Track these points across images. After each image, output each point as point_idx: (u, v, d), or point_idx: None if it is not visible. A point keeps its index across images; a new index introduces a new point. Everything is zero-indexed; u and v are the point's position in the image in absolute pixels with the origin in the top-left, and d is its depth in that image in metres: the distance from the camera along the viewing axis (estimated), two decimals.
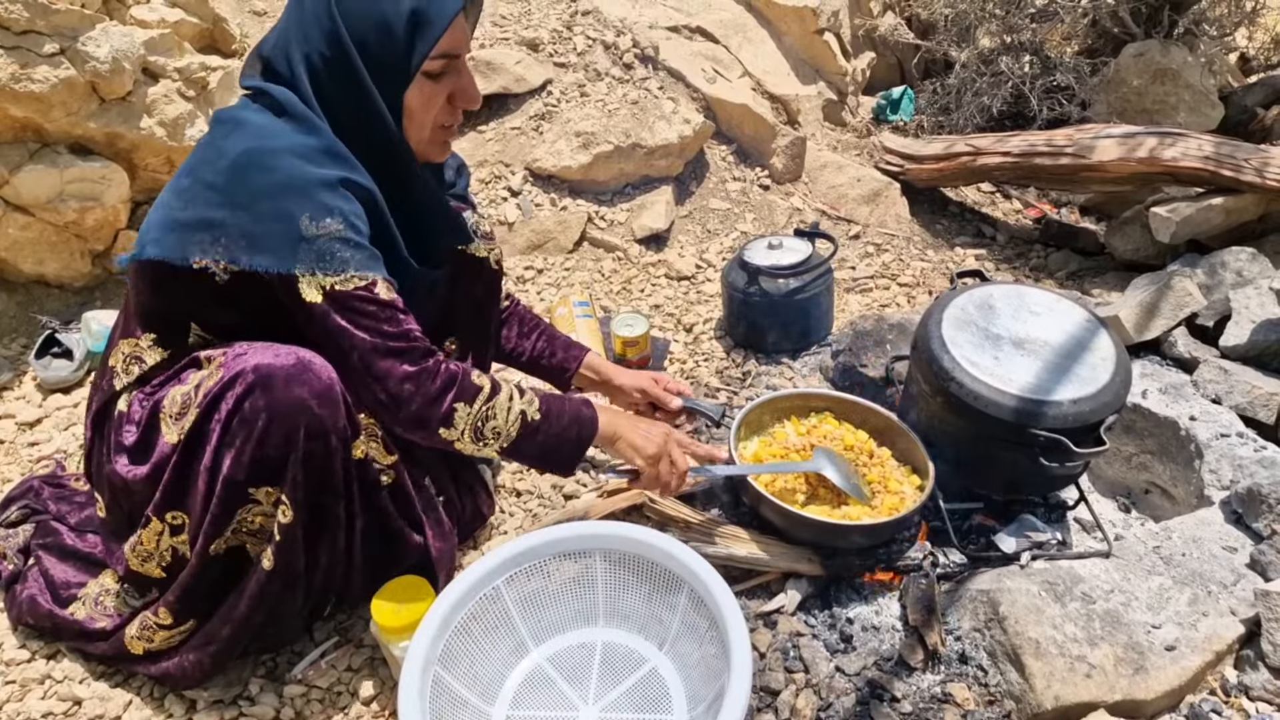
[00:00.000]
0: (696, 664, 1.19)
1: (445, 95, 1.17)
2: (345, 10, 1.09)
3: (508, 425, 1.20)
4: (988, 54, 3.51)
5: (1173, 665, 1.27)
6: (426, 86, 1.14)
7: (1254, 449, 1.67)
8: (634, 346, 2.00)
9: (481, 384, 1.19)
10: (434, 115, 1.17)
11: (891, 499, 1.51)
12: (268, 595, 1.20)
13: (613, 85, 2.83)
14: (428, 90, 1.15)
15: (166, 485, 1.15)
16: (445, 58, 1.13)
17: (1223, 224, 2.49)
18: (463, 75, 1.19)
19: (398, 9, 1.08)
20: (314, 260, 1.07)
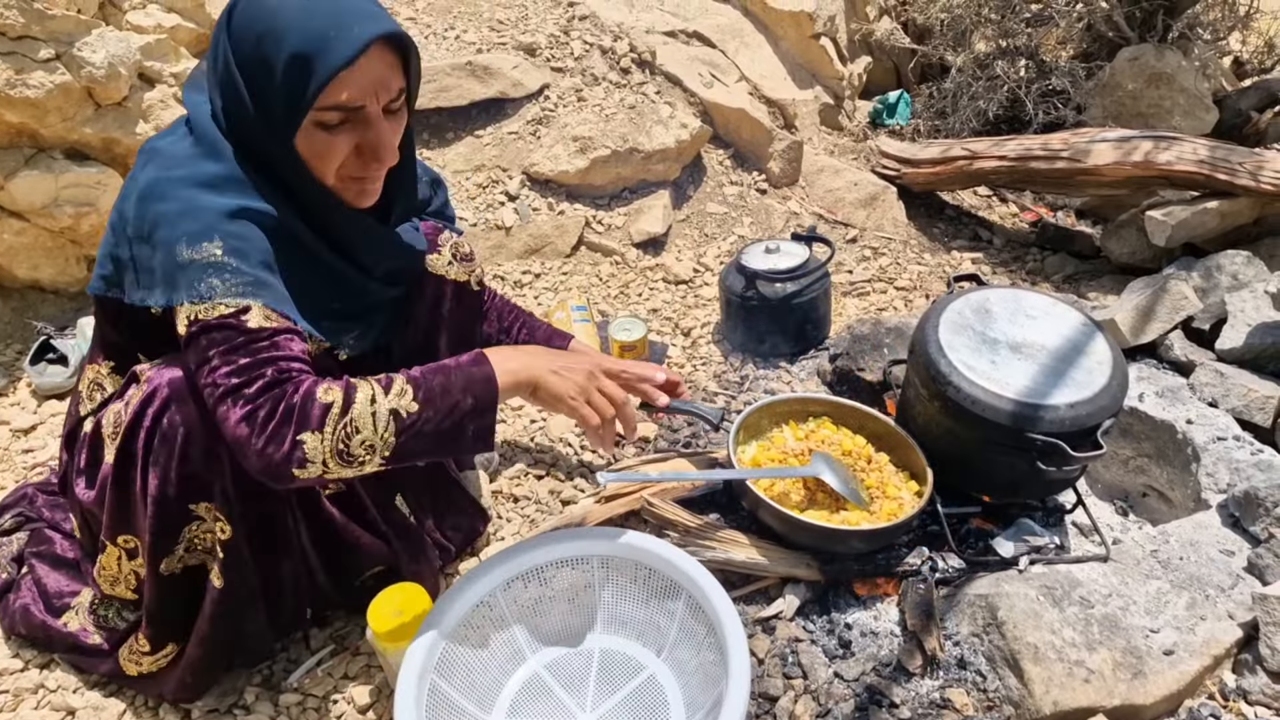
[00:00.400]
0: (695, 671, 1.19)
1: (349, 147, 1.05)
2: (234, 40, 1.01)
3: (379, 433, 1.00)
4: (983, 58, 3.52)
5: (1171, 670, 1.27)
6: (319, 137, 1.02)
7: (1250, 452, 1.67)
8: (632, 351, 2.00)
9: (330, 399, 0.99)
10: (334, 166, 1.06)
11: (890, 504, 1.51)
12: (224, 613, 1.17)
13: (610, 90, 2.83)
14: (321, 141, 1.03)
15: (110, 507, 1.13)
16: (341, 110, 1.01)
17: (1218, 227, 2.49)
18: (372, 128, 1.04)
19: (278, 50, 0.97)
20: (186, 289, 0.98)
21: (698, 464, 1.65)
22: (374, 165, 1.08)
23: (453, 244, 1.40)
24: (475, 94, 2.69)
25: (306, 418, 0.98)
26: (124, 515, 1.14)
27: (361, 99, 1.01)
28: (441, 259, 1.38)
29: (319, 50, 0.96)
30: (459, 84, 2.68)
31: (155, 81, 2.18)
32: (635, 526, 1.48)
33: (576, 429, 1.90)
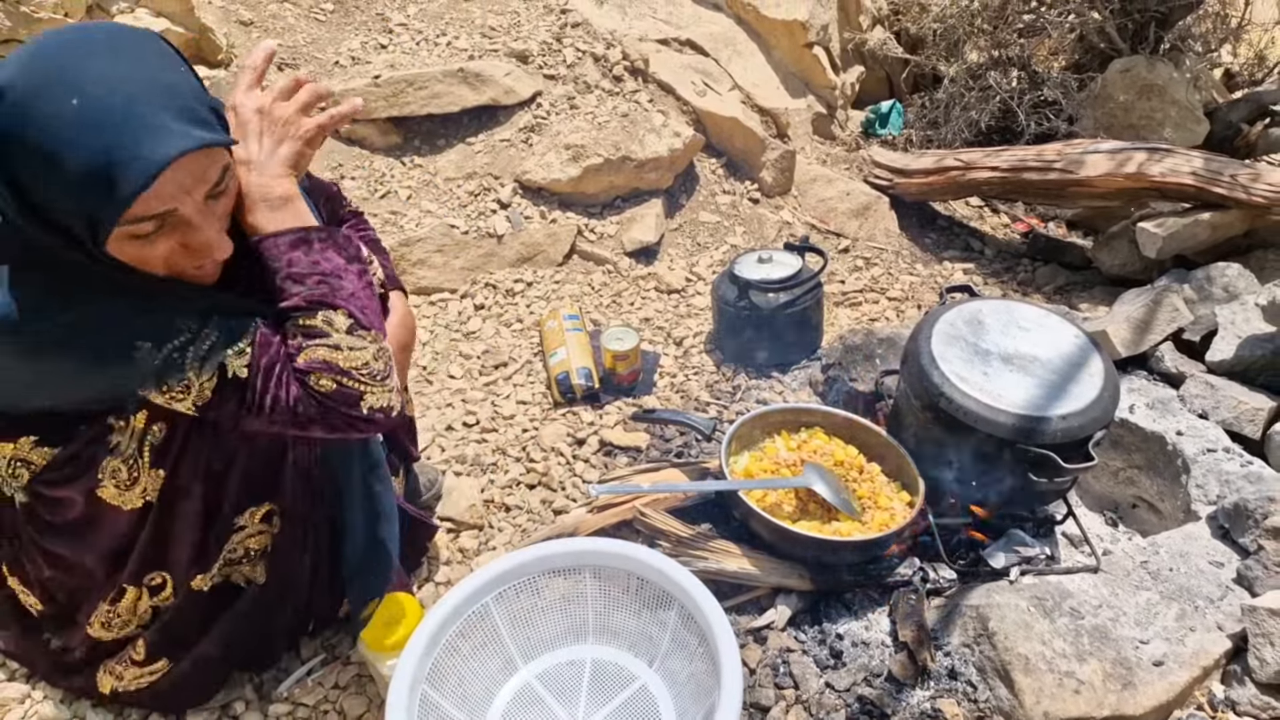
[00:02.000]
0: (686, 681, 1.19)
1: (171, 246, 0.94)
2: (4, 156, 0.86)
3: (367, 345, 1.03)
4: (976, 69, 3.54)
5: (1161, 681, 1.27)
6: (131, 246, 0.91)
7: (1240, 464, 1.68)
8: (624, 360, 2.00)
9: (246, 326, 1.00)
10: (158, 266, 0.96)
11: (881, 515, 1.51)
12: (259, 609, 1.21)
13: (602, 98, 2.84)
14: (134, 249, 0.92)
15: (143, 545, 1.12)
16: (151, 219, 0.90)
17: (1209, 239, 2.51)
18: (193, 230, 0.94)
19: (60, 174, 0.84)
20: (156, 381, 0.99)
21: (690, 474, 1.65)
22: (208, 260, 0.98)
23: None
24: (467, 101, 2.69)
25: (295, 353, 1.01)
26: (159, 551, 1.13)
27: (172, 204, 0.90)
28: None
29: (107, 171, 0.84)
30: (450, 91, 2.68)
31: None
32: (627, 536, 1.48)
33: (567, 439, 1.90)
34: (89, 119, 0.84)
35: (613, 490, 1.52)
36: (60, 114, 0.84)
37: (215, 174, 0.94)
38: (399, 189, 2.60)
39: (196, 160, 0.90)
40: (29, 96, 0.84)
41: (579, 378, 1.99)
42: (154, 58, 0.92)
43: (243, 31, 2.81)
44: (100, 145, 0.84)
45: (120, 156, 0.84)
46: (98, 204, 0.86)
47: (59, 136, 0.84)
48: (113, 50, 0.88)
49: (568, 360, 2.02)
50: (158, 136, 0.86)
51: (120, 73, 0.87)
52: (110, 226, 0.87)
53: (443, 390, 2.07)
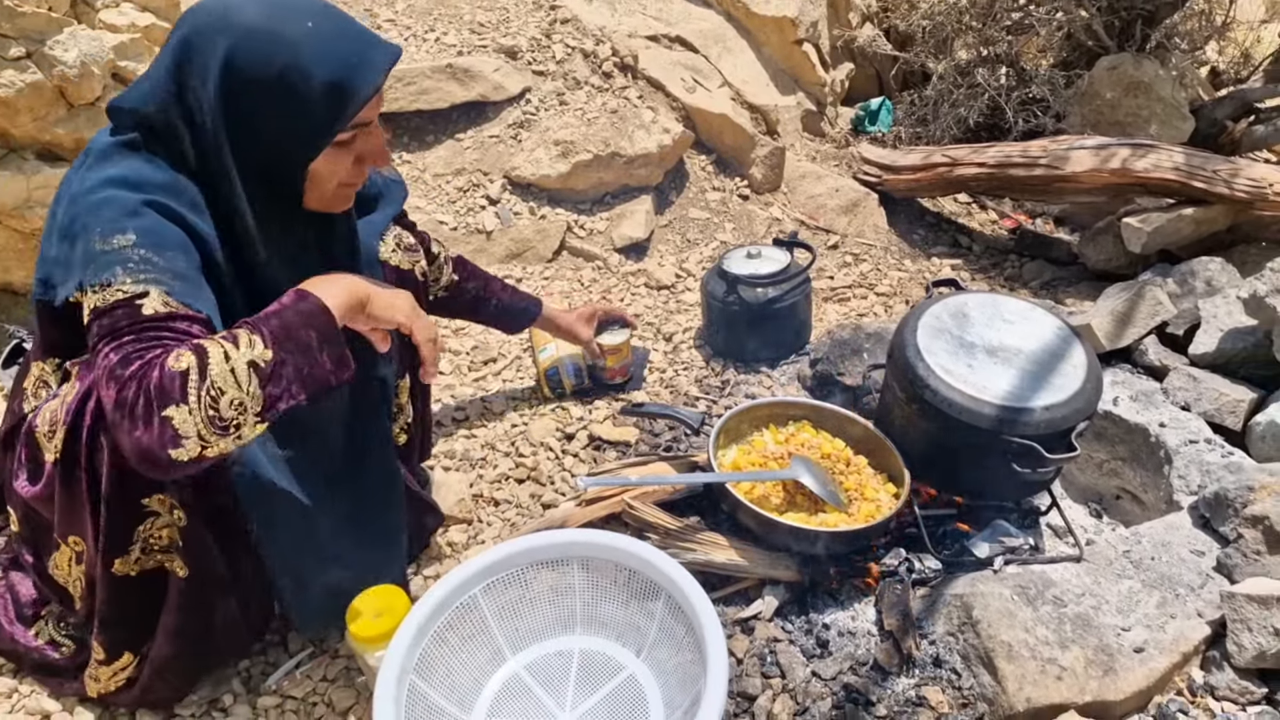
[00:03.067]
0: (673, 670, 1.20)
1: (353, 157, 1.11)
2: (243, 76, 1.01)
3: (245, 389, 0.95)
4: (964, 66, 3.56)
5: (1141, 667, 1.29)
6: (333, 153, 1.08)
7: (1221, 455, 1.70)
8: (615, 354, 2.01)
9: (184, 365, 0.93)
10: (339, 177, 1.12)
11: (868, 506, 1.52)
12: (192, 604, 1.16)
13: (592, 94, 2.84)
14: (333, 156, 1.09)
15: (60, 507, 1.12)
16: (358, 126, 1.08)
17: (1193, 234, 2.53)
18: (373, 137, 1.12)
19: (307, 81, 1.01)
20: (91, 275, 0.97)
21: (678, 467, 1.66)
22: (367, 171, 1.15)
23: (396, 234, 1.42)
24: (456, 97, 2.70)
25: (166, 392, 0.91)
26: (71, 517, 1.12)
27: (373, 114, 1.09)
28: (386, 246, 1.39)
29: (349, 77, 1.02)
30: (439, 86, 2.68)
31: (129, 81, 2.17)
32: (616, 530, 1.49)
33: (556, 434, 1.90)
34: (327, 36, 1.02)
35: (601, 483, 1.53)
36: (304, 34, 1.01)
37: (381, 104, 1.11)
38: None
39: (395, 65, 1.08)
40: (268, 23, 1.00)
41: (568, 373, 2.00)
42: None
43: None
44: (342, 55, 1.02)
45: (356, 63, 1.02)
46: (341, 107, 1.02)
47: (306, 52, 1.00)
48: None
49: (557, 355, 2.03)
50: (375, 46, 1.05)
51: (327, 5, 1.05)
52: (340, 128, 1.04)
53: (433, 386, 2.07)
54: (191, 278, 1.02)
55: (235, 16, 1.00)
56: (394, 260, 1.39)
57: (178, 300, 0.99)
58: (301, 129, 1.04)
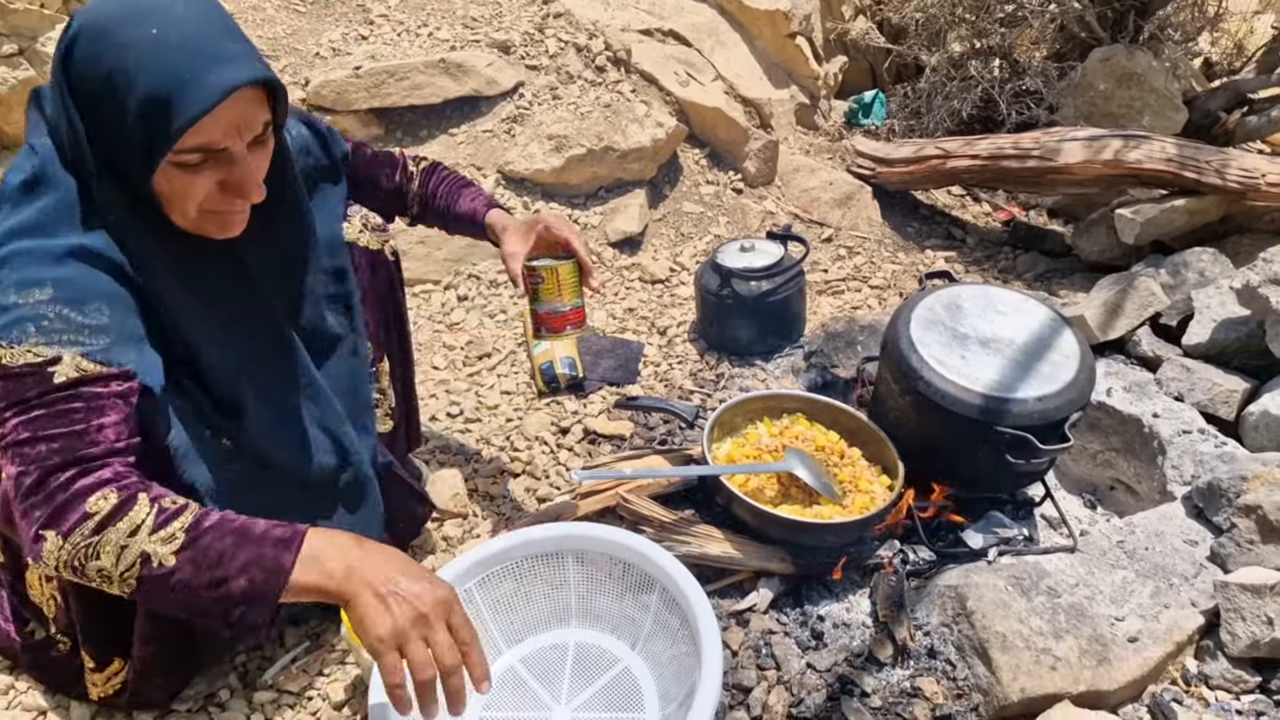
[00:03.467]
0: (668, 663, 1.20)
1: (212, 183, 0.99)
2: (75, 77, 0.94)
3: (119, 569, 0.89)
4: (958, 58, 3.55)
5: (1135, 656, 1.29)
6: (178, 176, 0.96)
7: (1215, 445, 1.71)
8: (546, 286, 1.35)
9: (95, 509, 0.90)
10: (196, 202, 1.00)
11: (862, 498, 1.52)
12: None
13: (585, 88, 2.84)
14: (180, 179, 0.97)
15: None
16: (201, 151, 0.96)
17: (1185, 225, 2.54)
18: (235, 166, 0.98)
19: (130, 91, 0.91)
20: (2, 331, 0.91)
21: (673, 461, 1.66)
22: (239, 201, 1.02)
23: (363, 214, 1.39)
24: (449, 92, 2.69)
25: (60, 517, 0.90)
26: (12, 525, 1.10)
27: (224, 141, 0.96)
28: (352, 227, 1.35)
29: (174, 95, 0.91)
30: (432, 82, 2.67)
31: None
32: (611, 523, 1.49)
33: (551, 428, 1.90)
34: (166, 46, 0.92)
35: (596, 476, 1.53)
36: (140, 40, 0.91)
37: (260, 124, 1.00)
38: None
39: (251, 101, 0.97)
40: (111, 26, 0.92)
41: (562, 367, 2.00)
42: (220, 10, 1.00)
43: None
44: (173, 68, 0.91)
45: (190, 79, 0.91)
46: (162, 125, 0.92)
47: (136, 60, 0.91)
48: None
49: (551, 350, 2.03)
50: (225, 65, 0.94)
51: (193, 15, 0.95)
52: (166, 150, 0.93)
53: (426, 381, 2.07)
54: (118, 330, 0.96)
55: (94, 9, 0.94)
56: (362, 241, 1.36)
57: (96, 361, 0.93)
58: (128, 141, 0.94)
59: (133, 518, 0.90)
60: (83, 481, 0.91)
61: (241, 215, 1.06)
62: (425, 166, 1.51)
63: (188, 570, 0.90)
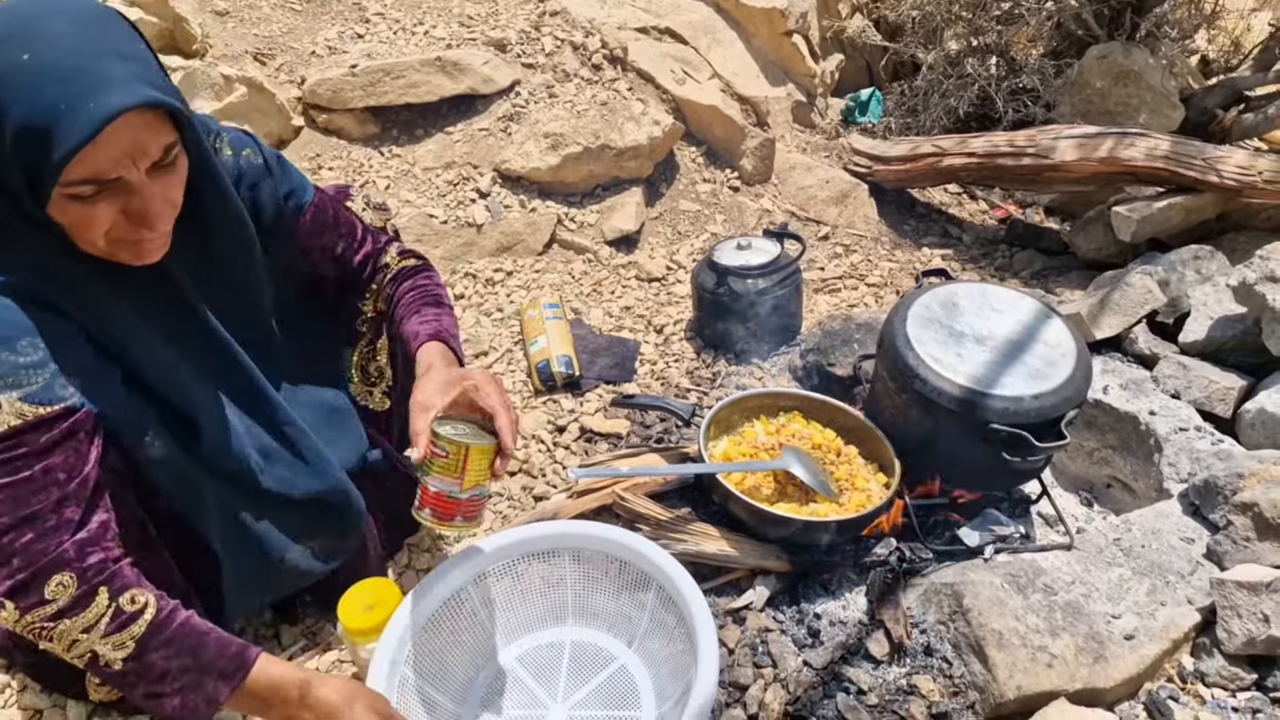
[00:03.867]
0: (665, 660, 1.20)
1: (113, 213, 0.92)
2: None
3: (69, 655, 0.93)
4: (954, 56, 3.55)
5: (1131, 654, 1.29)
6: (73, 208, 0.90)
7: (1211, 442, 1.71)
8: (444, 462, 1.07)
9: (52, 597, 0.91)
10: (100, 232, 0.93)
11: (859, 496, 1.52)
12: None
13: (581, 86, 2.83)
14: (76, 211, 0.90)
15: None
16: (91, 182, 0.89)
17: (1182, 223, 2.54)
18: (134, 195, 0.92)
19: (5, 123, 0.85)
20: None
21: (669, 459, 1.66)
22: (144, 230, 0.96)
23: (364, 195, 1.37)
24: (445, 90, 2.68)
25: (19, 594, 0.90)
26: None
27: (115, 171, 0.89)
28: (355, 206, 1.34)
29: (51, 125, 0.84)
30: (428, 80, 2.67)
31: None
32: (607, 521, 1.48)
33: (548, 426, 1.90)
34: (40, 73, 0.84)
35: (593, 474, 1.53)
36: (11, 67, 0.84)
37: (158, 149, 0.92)
38: (377, 179, 2.59)
39: (140, 127, 0.89)
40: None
41: (559, 365, 1.99)
42: (112, 26, 0.92)
43: (217, 21, 2.78)
44: (48, 98, 0.84)
45: (66, 108, 0.84)
46: (41, 158, 0.85)
47: (10, 89, 0.84)
48: (69, 15, 0.89)
49: (548, 348, 2.03)
50: (106, 90, 0.85)
51: (76, 34, 0.87)
52: (52, 183, 0.87)
53: None
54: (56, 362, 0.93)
55: None
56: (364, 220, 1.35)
57: (36, 403, 0.90)
58: (10, 173, 0.88)
59: (88, 616, 0.92)
60: (39, 565, 0.91)
61: (156, 242, 0.99)
62: (409, 267, 1.33)
63: (130, 678, 0.95)
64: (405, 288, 1.31)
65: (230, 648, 0.99)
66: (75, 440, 0.94)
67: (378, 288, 1.34)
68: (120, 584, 0.94)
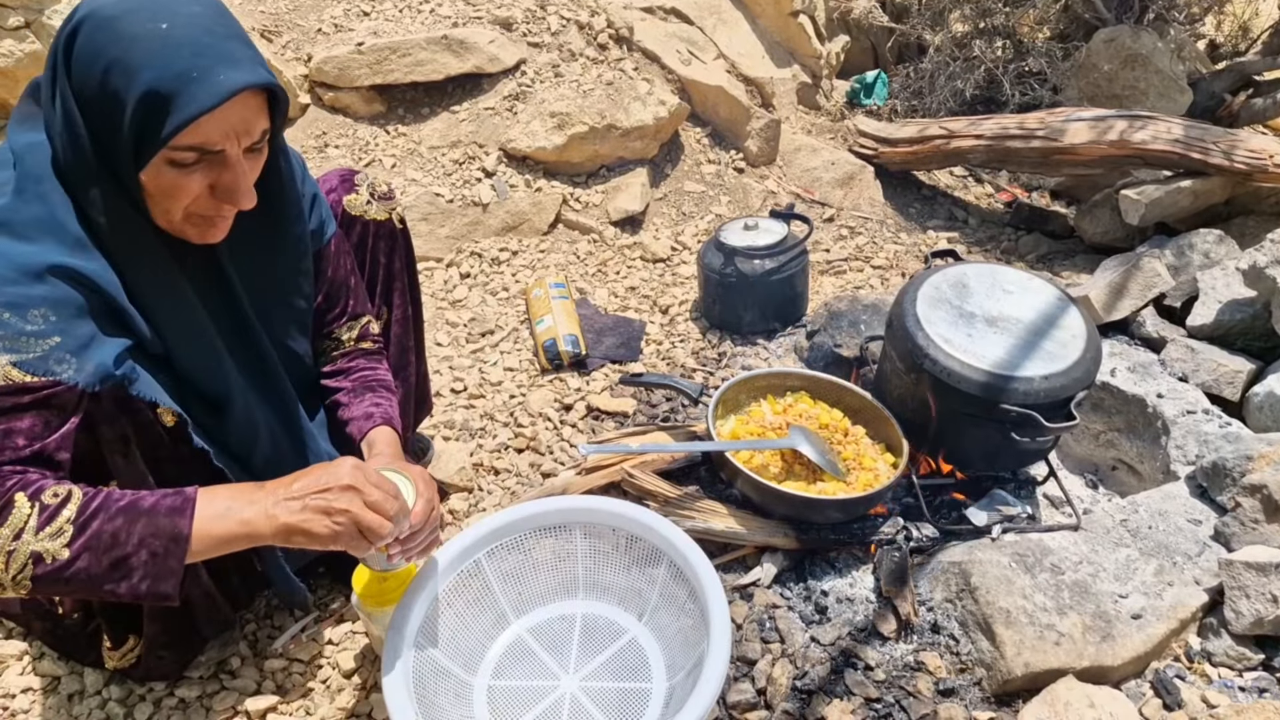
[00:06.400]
0: (675, 634, 1.20)
1: (203, 186, 0.97)
2: (75, 64, 0.92)
3: (9, 573, 0.87)
4: (961, 38, 3.53)
5: (1138, 633, 1.30)
6: (168, 173, 0.94)
7: (1219, 425, 1.71)
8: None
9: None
10: (183, 203, 0.97)
11: (866, 475, 1.53)
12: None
13: (587, 66, 2.81)
14: (170, 177, 0.94)
15: None
16: (198, 150, 0.94)
17: (1190, 206, 2.53)
18: (228, 170, 0.96)
19: (129, 84, 0.89)
20: None
21: (677, 437, 1.66)
22: (226, 206, 1.00)
23: (369, 183, 1.37)
24: (451, 69, 2.67)
25: None
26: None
27: (221, 143, 0.94)
28: (359, 198, 1.34)
29: (177, 91, 0.89)
30: (434, 58, 2.65)
31: None
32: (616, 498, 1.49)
33: (555, 405, 1.90)
34: (175, 42, 0.90)
35: (603, 450, 1.53)
36: (149, 33, 0.90)
37: (259, 131, 0.98)
38: (383, 157, 2.58)
39: (252, 106, 0.95)
40: (120, 15, 0.90)
41: (566, 344, 1.99)
42: (230, 15, 0.98)
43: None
44: (180, 66, 0.90)
45: (195, 76, 0.90)
46: (159, 120, 0.90)
47: (143, 52, 0.89)
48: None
49: (554, 327, 2.03)
50: (231, 67, 0.92)
51: (205, 15, 0.94)
52: (161, 145, 0.91)
53: (430, 357, 2.06)
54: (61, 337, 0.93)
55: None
56: (370, 214, 1.35)
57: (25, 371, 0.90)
58: (120, 133, 0.91)
59: (14, 521, 0.87)
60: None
61: (225, 222, 1.03)
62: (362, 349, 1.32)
63: (85, 559, 0.88)
64: (359, 364, 1.31)
65: (166, 492, 0.94)
66: (50, 412, 0.93)
67: (322, 351, 1.33)
68: (37, 486, 0.90)
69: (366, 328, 1.34)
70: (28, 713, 1.26)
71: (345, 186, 1.35)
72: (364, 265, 1.38)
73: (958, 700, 1.25)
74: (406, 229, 1.44)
